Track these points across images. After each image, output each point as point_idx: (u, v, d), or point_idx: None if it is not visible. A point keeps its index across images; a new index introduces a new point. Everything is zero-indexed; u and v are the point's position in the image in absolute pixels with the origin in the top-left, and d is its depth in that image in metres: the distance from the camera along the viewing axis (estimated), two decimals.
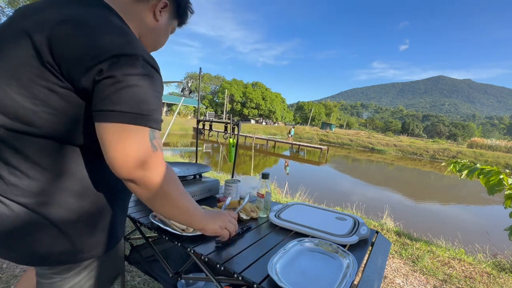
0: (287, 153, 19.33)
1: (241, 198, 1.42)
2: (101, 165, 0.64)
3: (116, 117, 0.53)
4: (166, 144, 15.23)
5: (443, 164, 2.83)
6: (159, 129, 0.61)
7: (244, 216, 1.20)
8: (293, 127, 28.29)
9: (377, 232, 1.18)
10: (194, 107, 34.17)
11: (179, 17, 0.80)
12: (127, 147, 0.55)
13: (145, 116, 0.56)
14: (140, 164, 0.56)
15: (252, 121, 42.07)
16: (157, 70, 0.61)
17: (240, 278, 0.77)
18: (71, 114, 0.57)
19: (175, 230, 0.98)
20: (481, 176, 2.28)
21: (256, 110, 44.96)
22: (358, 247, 1.01)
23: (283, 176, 7.37)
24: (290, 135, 23.75)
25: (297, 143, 20.82)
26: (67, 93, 0.54)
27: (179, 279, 1.12)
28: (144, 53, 0.58)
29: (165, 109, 34.18)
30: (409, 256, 2.57)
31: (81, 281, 0.70)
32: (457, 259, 2.59)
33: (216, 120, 2.19)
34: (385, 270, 2.26)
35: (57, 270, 0.67)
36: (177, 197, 0.67)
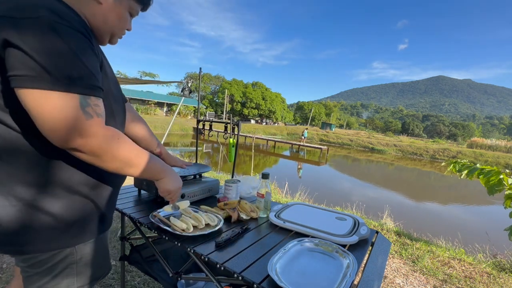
0: (287, 153, 19.32)
1: (241, 198, 1.42)
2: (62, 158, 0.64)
3: (32, 82, 0.52)
4: (166, 144, 15.24)
5: (443, 164, 2.83)
6: (95, 95, 0.60)
7: (244, 216, 1.19)
8: (306, 129, 26.90)
9: (377, 232, 1.18)
10: (194, 107, 34.16)
11: None
12: (53, 115, 0.54)
13: (65, 79, 0.54)
14: (74, 133, 0.56)
15: (252, 121, 42.02)
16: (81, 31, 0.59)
17: (240, 278, 0.77)
18: None
19: (175, 230, 0.98)
20: (481, 176, 2.28)
21: (256, 110, 44.89)
22: (358, 247, 1.01)
23: (283, 176, 7.37)
24: (303, 137, 23.16)
25: (297, 143, 20.80)
26: None
27: (179, 279, 1.12)
28: (60, 13, 0.56)
29: (165, 109, 34.18)
30: (409, 256, 2.57)
31: (57, 276, 0.70)
32: (457, 259, 2.59)
33: (216, 120, 2.19)
34: (385, 270, 2.26)
35: (32, 262, 0.67)
36: (127, 156, 0.68)
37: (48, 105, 0.53)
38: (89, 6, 0.69)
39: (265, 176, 1.27)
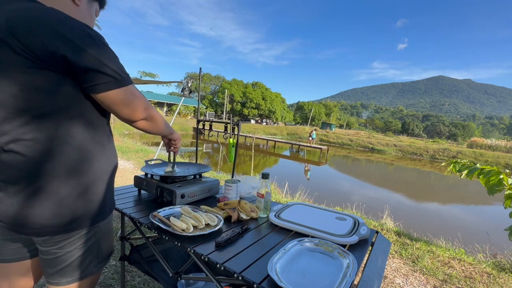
0: (287, 153, 19.32)
1: (241, 198, 1.42)
2: (88, 138, 0.74)
3: (115, 84, 0.70)
4: None
5: (443, 164, 2.83)
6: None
7: (244, 216, 1.20)
8: (315, 130, 25.91)
9: (377, 232, 1.18)
10: (194, 107, 34.15)
11: None
12: (133, 103, 0.75)
13: (127, 77, 0.73)
14: (144, 108, 0.79)
15: (252, 121, 41.98)
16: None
17: (240, 278, 0.77)
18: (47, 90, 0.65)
19: (175, 230, 0.98)
20: (481, 176, 2.28)
21: (256, 110, 44.85)
22: (358, 247, 1.01)
23: (283, 176, 7.37)
24: (311, 138, 22.68)
25: (297, 143, 20.78)
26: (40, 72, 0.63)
27: (179, 279, 1.12)
28: (93, 30, 0.69)
29: (165, 109, 34.17)
30: (409, 256, 2.57)
31: (80, 249, 0.78)
32: (457, 259, 2.59)
33: (216, 120, 2.19)
34: (385, 270, 2.26)
35: (55, 240, 0.73)
36: (160, 117, 0.89)
37: (130, 96, 0.74)
38: (69, 7, 0.76)
39: (265, 176, 1.27)
